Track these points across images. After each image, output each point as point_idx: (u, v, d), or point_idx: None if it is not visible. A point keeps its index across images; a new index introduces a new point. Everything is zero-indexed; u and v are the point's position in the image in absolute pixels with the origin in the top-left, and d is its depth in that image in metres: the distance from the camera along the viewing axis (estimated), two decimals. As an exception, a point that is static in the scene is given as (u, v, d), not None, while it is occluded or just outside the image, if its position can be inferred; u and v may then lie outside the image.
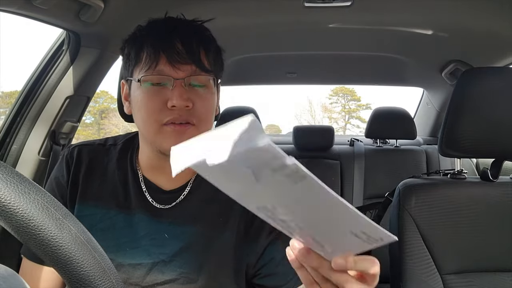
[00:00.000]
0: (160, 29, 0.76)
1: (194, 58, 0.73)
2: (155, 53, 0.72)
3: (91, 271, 0.39)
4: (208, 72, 0.75)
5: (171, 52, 0.72)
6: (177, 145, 0.35)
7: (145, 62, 0.73)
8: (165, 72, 0.73)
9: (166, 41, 0.73)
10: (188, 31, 0.76)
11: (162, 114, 0.73)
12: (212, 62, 0.77)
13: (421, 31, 1.53)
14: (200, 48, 0.75)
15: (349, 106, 21.19)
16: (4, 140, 1.29)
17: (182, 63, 0.73)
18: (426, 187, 1.12)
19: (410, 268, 1.07)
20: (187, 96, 0.72)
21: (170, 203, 0.81)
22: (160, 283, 0.78)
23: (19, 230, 0.37)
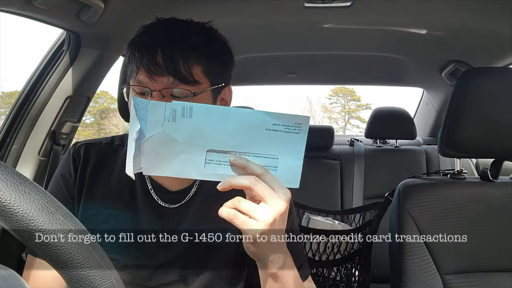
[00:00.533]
0: (147, 36, 0.75)
1: (172, 70, 0.71)
2: (136, 63, 0.73)
3: (91, 271, 0.39)
4: (188, 83, 0.72)
5: (149, 63, 0.71)
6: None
7: (131, 70, 0.75)
8: (143, 83, 0.73)
9: (148, 50, 0.72)
10: (171, 39, 0.74)
11: None
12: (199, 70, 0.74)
13: (421, 31, 1.53)
14: (180, 57, 0.72)
15: (349, 106, 21.18)
16: (5, 140, 1.29)
17: (158, 75, 0.71)
18: (426, 187, 1.12)
19: (410, 268, 1.07)
20: None
21: (176, 203, 0.81)
22: (165, 284, 0.78)
23: (19, 230, 0.37)
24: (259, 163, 0.57)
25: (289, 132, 0.53)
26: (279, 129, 0.52)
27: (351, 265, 1.60)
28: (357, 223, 1.83)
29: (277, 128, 0.52)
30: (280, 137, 0.53)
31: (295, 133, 0.53)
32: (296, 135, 0.54)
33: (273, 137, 0.53)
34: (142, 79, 0.73)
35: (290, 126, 0.52)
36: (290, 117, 0.52)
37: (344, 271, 1.60)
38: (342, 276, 1.60)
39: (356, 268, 1.60)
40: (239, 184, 0.57)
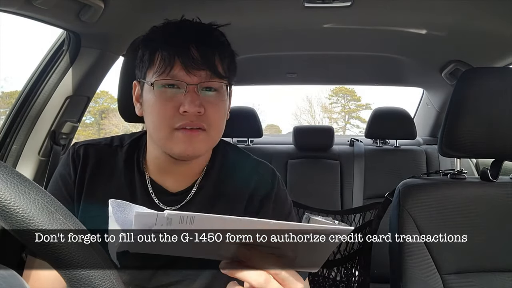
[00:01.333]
0: (175, 32, 0.75)
1: (209, 64, 0.73)
2: (169, 58, 0.72)
3: (91, 271, 0.39)
4: (222, 78, 0.75)
5: (186, 57, 0.72)
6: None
7: (159, 66, 0.73)
8: (179, 77, 0.72)
9: (181, 46, 0.72)
10: (203, 36, 0.75)
11: (174, 119, 0.73)
12: (226, 67, 0.77)
13: (421, 31, 1.53)
14: (215, 53, 0.74)
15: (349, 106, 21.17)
16: (5, 140, 1.29)
17: (197, 69, 0.72)
18: (426, 187, 1.12)
19: (410, 268, 1.07)
20: (200, 102, 0.72)
21: (176, 205, 0.81)
22: (165, 284, 0.78)
23: (19, 230, 0.37)
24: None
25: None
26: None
27: (351, 265, 1.60)
28: (357, 223, 1.83)
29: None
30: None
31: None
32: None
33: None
34: (177, 73, 0.72)
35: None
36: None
37: (344, 271, 1.60)
38: (342, 276, 1.60)
39: (356, 268, 1.60)
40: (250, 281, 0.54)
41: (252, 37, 1.70)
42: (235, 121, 2.32)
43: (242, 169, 0.86)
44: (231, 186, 0.84)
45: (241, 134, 2.39)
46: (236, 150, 0.90)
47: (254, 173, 0.85)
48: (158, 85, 0.74)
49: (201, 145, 0.75)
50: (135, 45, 0.83)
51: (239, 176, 0.84)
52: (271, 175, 0.86)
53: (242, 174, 0.85)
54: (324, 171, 2.25)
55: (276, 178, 0.87)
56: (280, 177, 0.88)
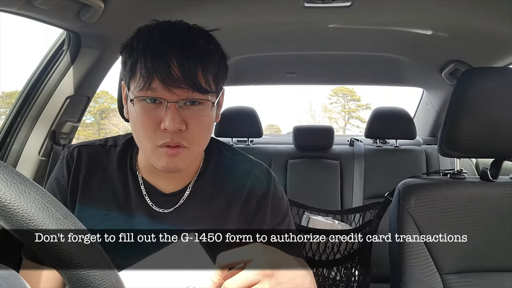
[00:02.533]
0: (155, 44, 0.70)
1: (190, 82, 0.69)
2: (148, 75, 0.69)
3: (91, 271, 0.39)
4: (205, 92, 0.72)
5: (165, 74, 0.68)
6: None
7: (139, 80, 0.70)
8: (158, 95, 0.70)
9: (162, 61, 0.68)
10: (186, 47, 0.71)
11: (156, 136, 0.71)
12: (211, 78, 0.73)
13: (421, 31, 1.53)
14: (198, 68, 0.70)
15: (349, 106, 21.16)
16: (5, 140, 1.29)
17: (177, 87, 0.69)
18: (426, 187, 1.12)
19: (410, 268, 1.07)
20: (180, 119, 0.70)
21: (170, 207, 0.81)
22: None
23: (19, 230, 0.37)
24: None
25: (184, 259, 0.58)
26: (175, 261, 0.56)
27: (351, 265, 1.60)
28: (357, 223, 1.83)
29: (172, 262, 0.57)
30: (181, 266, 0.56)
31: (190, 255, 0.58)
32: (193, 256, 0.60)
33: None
34: (156, 87, 0.69)
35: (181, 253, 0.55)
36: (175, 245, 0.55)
37: (344, 271, 1.60)
38: (342, 276, 1.60)
39: (356, 268, 1.60)
40: None
41: (252, 37, 1.70)
42: (235, 121, 2.34)
43: (237, 169, 0.85)
44: (227, 186, 0.83)
45: (241, 134, 2.39)
46: (231, 150, 0.90)
47: (249, 173, 0.85)
48: (138, 99, 0.72)
49: (183, 162, 0.74)
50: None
51: (234, 176, 0.84)
52: (266, 175, 0.86)
53: (237, 174, 0.84)
54: (324, 171, 2.25)
55: (271, 178, 0.86)
56: (275, 177, 0.88)
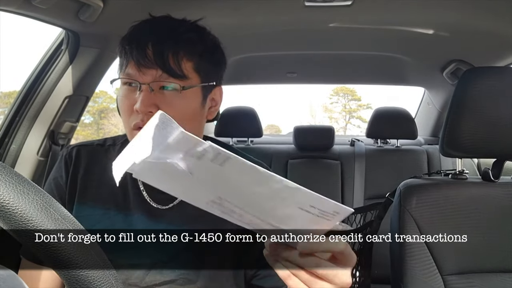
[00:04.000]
0: (139, 31, 0.76)
1: (161, 63, 0.72)
2: (126, 56, 0.74)
3: (90, 272, 0.39)
4: (177, 77, 0.73)
5: (139, 55, 0.72)
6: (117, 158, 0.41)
7: (120, 64, 0.75)
8: (132, 76, 0.73)
9: (139, 43, 0.73)
10: (163, 34, 0.74)
11: (131, 118, 0.74)
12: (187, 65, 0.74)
13: (422, 31, 1.53)
14: (170, 51, 0.73)
15: (349, 106, 21.20)
16: (3, 140, 1.29)
17: (148, 67, 0.72)
18: (427, 187, 1.11)
19: (411, 269, 1.06)
20: (151, 102, 0.72)
21: (168, 204, 0.81)
22: (159, 283, 0.78)
23: (17, 230, 0.37)
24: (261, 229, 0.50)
25: (321, 217, 0.46)
26: (314, 212, 0.45)
27: (352, 265, 1.59)
28: (357, 223, 1.82)
29: (312, 211, 0.45)
30: (310, 219, 0.46)
31: (326, 219, 0.47)
32: (326, 221, 0.47)
33: (303, 217, 0.46)
34: (131, 71, 0.73)
35: (326, 213, 0.46)
36: (331, 204, 0.45)
37: (345, 272, 1.59)
38: (342, 276, 1.59)
39: (356, 269, 1.60)
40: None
41: (252, 37, 1.69)
42: (235, 121, 2.34)
43: None
44: None
45: (241, 134, 2.39)
46: (231, 150, 0.90)
47: None
48: (121, 83, 0.76)
49: None
50: None
51: None
52: None
53: None
54: (324, 171, 2.25)
55: None
56: None
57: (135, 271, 0.78)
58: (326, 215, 0.46)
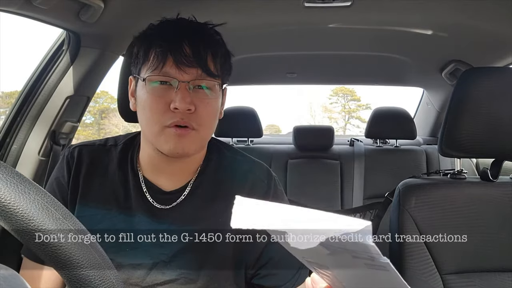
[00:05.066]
0: (170, 30, 0.76)
1: (201, 62, 0.74)
2: (162, 54, 0.73)
3: (91, 271, 0.39)
4: (214, 76, 0.75)
5: (178, 54, 0.72)
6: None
7: (152, 62, 0.74)
8: (171, 74, 0.73)
9: (175, 42, 0.73)
10: (197, 34, 0.76)
11: (165, 116, 0.73)
12: (219, 66, 0.77)
13: (421, 31, 1.53)
14: (207, 52, 0.75)
15: (349, 106, 21.18)
16: (4, 140, 1.29)
17: (189, 66, 0.73)
18: (426, 187, 1.12)
19: (410, 268, 1.07)
20: (190, 100, 0.73)
21: (170, 204, 0.81)
22: (160, 283, 0.78)
23: (19, 230, 0.37)
24: None
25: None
26: None
27: (351, 265, 1.59)
28: (357, 223, 1.82)
29: None
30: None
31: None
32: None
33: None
34: (169, 70, 0.73)
35: None
36: None
37: (344, 271, 1.59)
38: (342, 276, 1.59)
39: (356, 268, 1.60)
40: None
41: (252, 37, 1.69)
42: (235, 121, 2.34)
43: (237, 169, 0.86)
44: (227, 186, 0.83)
45: (241, 134, 2.39)
46: (231, 150, 0.90)
47: (250, 173, 0.85)
48: (150, 81, 0.74)
49: (191, 144, 0.75)
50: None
51: (234, 176, 0.84)
52: (266, 175, 0.86)
53: (237, 174, 0.85)
54: (324, 171, 2.25)
55: (272, 178, 0.86)
56: (276, 177, 0.88)
57: (136, 271, 0.78)
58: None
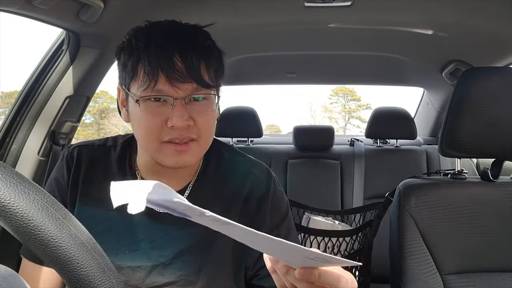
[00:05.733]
0: (157, 41, 0.71)
1: (195, 76, 0.70)
2: (153, 71, 0.69)
3: (91, 271, 0.39)
4: (209, 87, 0.73)
5: (170, 70, 0.69)
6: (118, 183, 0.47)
7: (143, 79, 0.70)
8: (164, 92, 0.70)
9: (165, 57, 0.69)
10: (187, 43, 0.71)
11: (162, 133, 0.71)
12: (213, 74, 0.74)
13: (421, 31, 1.53)
14: (200, 62, 0.71)
15: (349, 106, 21.18)
16: (4, 140, 1.29)
17: (182, 82, 0.69)
18: (426, 187, 1.12)
19: (410, 268, 1.06)
20: (188, 116, 0.71)
21: None
22: (159, 285, 0.78)
23: (18, 230, 0.37)
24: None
25: (331, 262, 0.49)
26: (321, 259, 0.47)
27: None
28: (357, 223, 1.82)
29: (319, 260, 0.47)
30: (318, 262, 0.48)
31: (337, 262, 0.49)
32: (336, 262, 0.50)
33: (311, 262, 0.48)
34: (162, 87, 0.69)
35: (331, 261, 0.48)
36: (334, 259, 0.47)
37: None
38: (342, 276, 1.59)
39: (356, 268, 1.60)
40: None
41: (252, 37, 1.69)
42: (235, 121, 2.34)
43: (237, 169, 0.85)
44: (227, 186, 0.83)
45: (241, 134, 2.39)
46: (231, 150, 0.90)
47: (250, 173, 0.85)
48: (143, 99, 0.71)
49: (192, 156, 0.75)
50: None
51: (234, 176, 0.84)
52: (266, 175, 0.86)
53: (237, 174, 0.84)
54: (324, 171, 2.25)
55: (271, 179, 0.86)
56: (276, 177, 0.87)
57: (135, 273, 0.78)
58: (334, 260, 0.48)
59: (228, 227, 0.45)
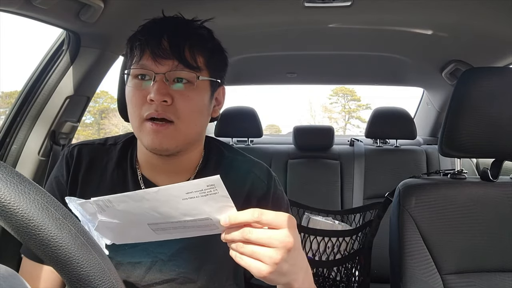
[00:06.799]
0: (153, 26, 0.77)
1: (177, 54, 0.73)
2: (141, 48, 0.74)
3: (91, 271, 0.39)
4: (192, 68, 0.75)
5: (155, 47, 0.73)
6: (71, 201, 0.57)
7: (133, 57, 0.76)
8: (147, 67, 0.74)
9: (154, 36, 0.74)
10: (179, 28, 0.77)
11: (143, 108, 0.74)
12: (202, 59, 0.76)
13: (421, 31, 1.53)
14: (185, 44, 0.75)
15: (349, 106, 21.18)
16: (4, 140, 1.29)
17: (164, 58, 0.73)
18: (426, 187, 1.12)
19: (410, 268, 1.07)
20: (166, 91, 0.73)
21: None
22: (159, 282, 0.78)
23: (19, 230, 0.37)
24: (197, 229, 0.57)
25: (206, 195, 0.52)
26: (195, 195, 0.52)
27: (351, 265, 1.60)
28: (357, 223, 1.82)
29: (193, 195, 0.51)
30: (201, 201, 0.52)
31: (212, 193, 0.52)
32: (215, 195, 0.53)
33: (195, 203, 0.53)
34: (146, 62, 0.74)
35: (204, 190, 0.52)
36: (199, 182, 0.51)
37: (344, 271, 1.59)
38: (342, 276, 1.59)
39: (356, 268, 1.60)
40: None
41: (252, 37, 1.70)
42: (235, 121, 2.34)
43: (237, 169, 0.85)
44: (227, 186, 0.83)
45: (241, 134, 2.39)
46: (231, 150, 0.90)
47: (249, 173, 0.85)
48: (132, 76, 0.76)
49: (170, 140, 0.75)
50: None
51: (234, 176, 0.84)
52: (266, 175, 0.86)
53: (237, 174, 0.84)
54: (324, 171, 2.25)
55: (271, 178, 0.86)
56: (276, 177, 0.88)
57: (135, 269, 0.78)
58: (208, 192, 0.52)
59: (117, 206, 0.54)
